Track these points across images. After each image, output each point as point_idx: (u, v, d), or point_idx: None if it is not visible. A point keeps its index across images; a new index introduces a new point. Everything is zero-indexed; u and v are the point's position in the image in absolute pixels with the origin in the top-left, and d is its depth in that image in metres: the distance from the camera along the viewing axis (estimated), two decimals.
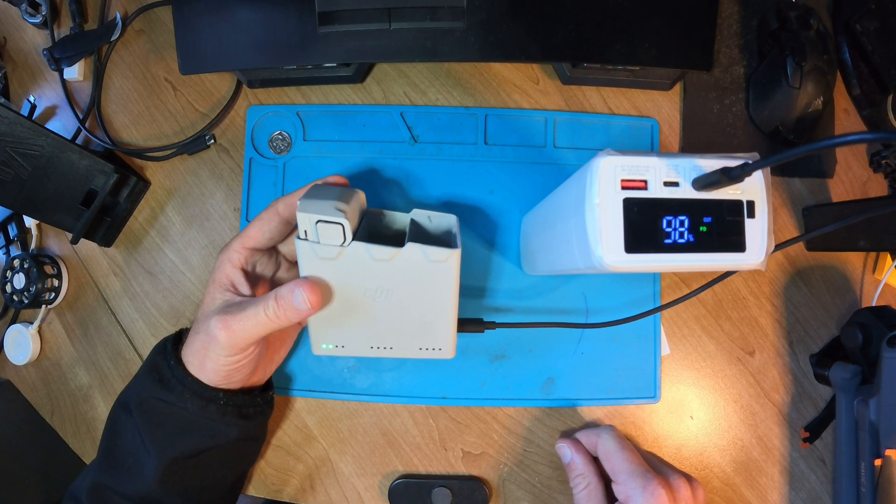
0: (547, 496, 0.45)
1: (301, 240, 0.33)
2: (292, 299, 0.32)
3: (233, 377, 0.36)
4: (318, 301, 0.33)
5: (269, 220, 0.37)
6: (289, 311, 0.33)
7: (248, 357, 0.36)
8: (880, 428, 0.38)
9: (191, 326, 0.37)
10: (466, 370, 0.45)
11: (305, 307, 0.32)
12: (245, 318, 0.33)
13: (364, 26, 0.40)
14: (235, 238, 0.37)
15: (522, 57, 0.41)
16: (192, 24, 0.42)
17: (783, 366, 0.46)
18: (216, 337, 0.34)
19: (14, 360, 0.49)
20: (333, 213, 0.32)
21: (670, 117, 0.47)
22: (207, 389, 0.35)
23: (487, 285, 0.45)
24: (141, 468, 0.35)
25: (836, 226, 0.38)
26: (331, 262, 0.33)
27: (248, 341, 0.34)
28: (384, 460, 0.45)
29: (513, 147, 0.46)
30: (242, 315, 0.33)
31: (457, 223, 0.38)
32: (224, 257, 0.37)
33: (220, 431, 0.36)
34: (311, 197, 0.33)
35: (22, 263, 0.47)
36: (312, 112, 0.47)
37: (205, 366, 0.35)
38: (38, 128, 0.43)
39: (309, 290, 0.32)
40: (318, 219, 0.32)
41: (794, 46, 0.42)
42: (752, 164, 0.25)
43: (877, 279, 0.46)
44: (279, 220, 0.37)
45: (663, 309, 0.41)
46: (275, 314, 0.33)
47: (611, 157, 0.27)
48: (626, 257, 0.27)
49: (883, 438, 0.38)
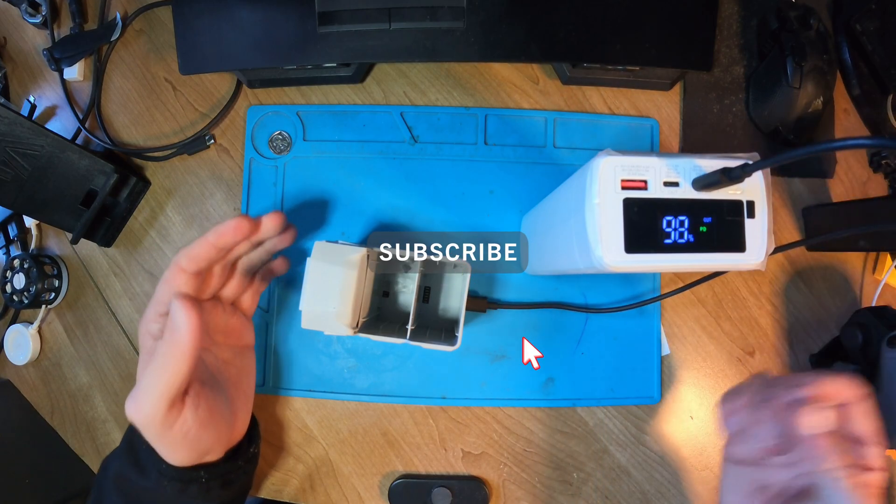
0: (547, 496, 0.45)
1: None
2: (172, 323, 0.29)
3: (202, 449, 0.33)
4: (192, 309, 0.29)
5: (175, 280, 0.33)
6: (173, 339, 0.29)
7: (187, 425, 0.31)
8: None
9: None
10: (466, 370, 0.45)
11: (183, 319, 0.28)
12: (144, 386, 0.29)
13: (364, 26, 0.40)
14: (150, 307, 0.34)
15: (522, 57, 0.41)
16: (192, 24, 0.42)
17: (783, 366, 0.46)
18: (135, 421, 0.30)
19: (14, 360, 0.49)
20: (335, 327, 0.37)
21: (670, 117, 0.47)
22: (186, 472, 0.32)
23: (487, 285, 0.45)
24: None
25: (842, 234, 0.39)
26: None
27: (161, 404, 0.29)
28: (384, 460, 0.45)
29: (513, 147, 0.46)
30: (140, 386, 0.30)
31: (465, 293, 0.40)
32: (143, 331, 0.33)
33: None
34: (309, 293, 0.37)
35: (22, 263, 0.47)
36: (312, 112, 0.47)
37: (171, 454, 0.32)
38: (38, 128, 0.43)
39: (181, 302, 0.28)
40: (320, 329, 0.37)
41: (794, 46, 0.42)
42: (753, 164, 0.25)
43: (877, 279, 0.46)
44: (186, 276, 0.33)
45: (665, 297, 0.42)
46: (163, 356, 0.29)
47: (611, 157, 0.27)
48: (626, 257, 0.27)
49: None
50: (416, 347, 0.41)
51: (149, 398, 0.29)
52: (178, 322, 0.28)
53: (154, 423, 0.30)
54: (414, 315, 0.38)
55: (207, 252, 0.33)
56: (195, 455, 0.33)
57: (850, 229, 0.42)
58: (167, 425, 0.30)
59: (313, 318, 0.37)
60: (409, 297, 0.44)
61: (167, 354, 0.29)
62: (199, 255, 0.33)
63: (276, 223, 0.35)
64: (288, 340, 0.45)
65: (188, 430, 0.31)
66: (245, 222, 0.33)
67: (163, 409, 0.29)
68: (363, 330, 0.39)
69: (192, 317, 0.28)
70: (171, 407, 0.30)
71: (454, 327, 0.41)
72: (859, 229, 0.42)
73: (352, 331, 0.37)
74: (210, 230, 0.33)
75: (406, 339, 0.37)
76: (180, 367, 0.29)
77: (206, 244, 0.33)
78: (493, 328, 0.45)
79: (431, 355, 0.45)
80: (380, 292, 0.44)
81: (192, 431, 0.31)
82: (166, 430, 0.30)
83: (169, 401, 0.29)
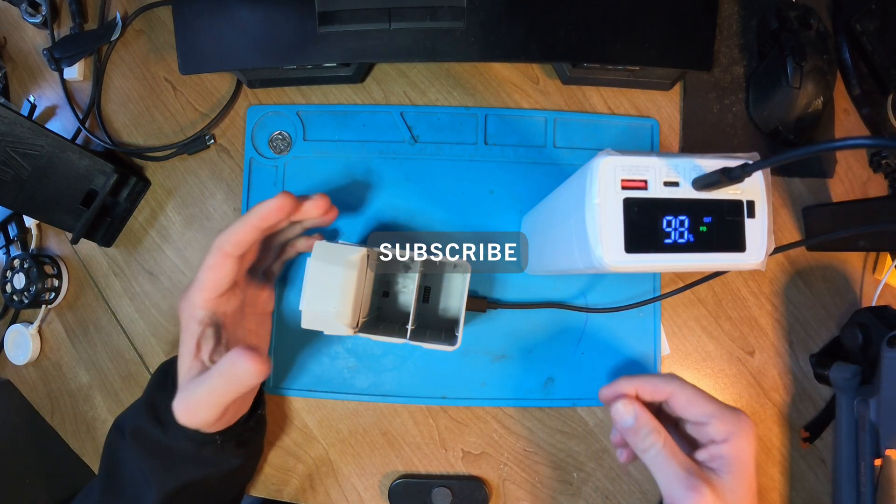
0: (547, 496, 0.45)
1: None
2: (236, 371, 0.31)
3: (232, 421, 0.36)
4: (263, 365, 0.31)
5: (222, 266, 0.34)
6: (237, 381, 0.31)
7: (228, 417, 0.34)
8: (880, 428, 0.38)
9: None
10: (466, 370, 0.45)
11: (251, 377, 0.30)
12: (201, 401, 0.32)
13: (364, 26, 0.40)
14: (194, 290, 0.35)
15: (522, 57, 0.41)
16: (192, 24, 0.42)
17: (783, 366, 0.46)
18: (185, 423, 0.33)
19: (14, 360, 0.49)
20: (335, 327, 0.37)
21: (670, 117, 0.47)
22: (202, 436, 0.34)
23: (487, 285, 0.45)
24: (143, 498, 0.34)
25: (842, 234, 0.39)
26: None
27: (213, 416, 0.33)
28: (384, 460, 0.45)
29: (513, 147, 0.46)
30: (197, 397, 0.32)
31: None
32: (188, 314, 0.35)
33: (221, 461, 0.36)
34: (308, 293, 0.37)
35: (22, 263, 0.47)
36: (312, 112, 0.47)
37: (208, 430, 0.34)
38: (38, 128, 0.43)
39: (250, 360, 0.30)
40: (320, 329, 0.37)
41: (794, 46, 0.42)
42: (753, 164, 0.25)
43: (877, 279, 0.46)
44: (231, 261, 0.34)
45: (665, 297, 0.42)
46: (225, 388, 0.31)
47: (611, 157, 0.27)
48: (626, 257, 0.27)
49: (883, 438, 0.38)
50: (416, 347, 0.41)
51: (204, 413, 0.32)
52: (242, 371, 0.30)
53: (205, 426, 0.33)
54: (414, 315, 0.38)
55: (252, 234, 0.34)
56: (224, 425, 0.35)
57: (850, 229, 0.42)
58: (216, 426, 0.34)
59: (313, 318, 0.37)
60: (409, 297, 0.44)
61: (227, 382, 0.31)
62: (243, 240, 0.34)
63: (322, 207, 0.36)
64: (288, 340, 0.45)
65: (229, 420, 0.35)
66: (288, 201, 0.34)
67: (215, 418, 0.33)
68: (363, 330, 0.39)
69: (256, 367, 0.30)
70: (223, 414, 0.33)
71: (454, 327, 0.41)
72: (859, 229, 0.42)
73: (352, 331, 0.37)
74: (252, 211, 0.34)
75: (406, 339, 0.37)
76: (236, 392, 0.32)
77: (249, 226, 0.34)
78: (493, 328, 0.45)
79: (431, 355, 0.45)
80: (380, 292, 0.44)
81: (231, 420, 0.35)
82: (208, 428, 0.34)
83: (223, 410, 0.33)
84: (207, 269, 0.34)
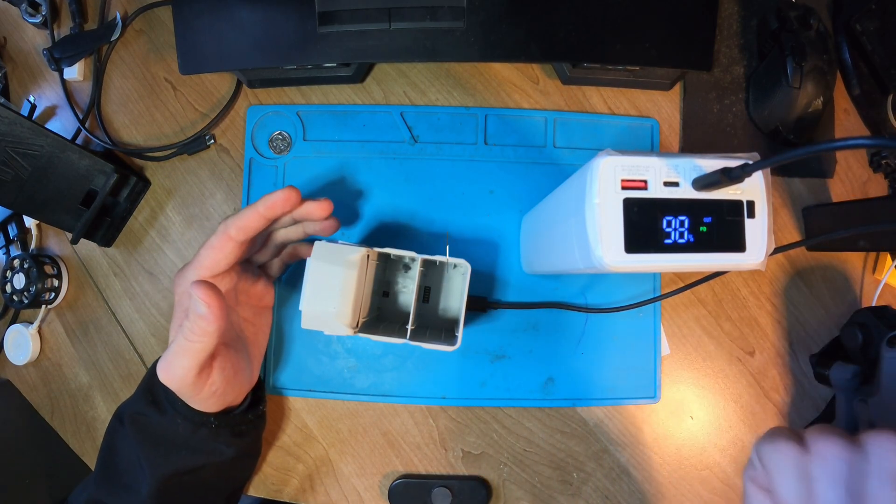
0: (547, 496, 0.45)
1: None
2: (196, 311, 0.31)
3: (228, 400, 0.36)
4: (214, 299, 0.31)
5: (223, 248, 0.35)
6: (198, 324, 0.31)
7: (215, 385, 0.35)
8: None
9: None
10: (466, 370, 0.45)
11: (205, 310, 0.31)
12: (175, 354, 0.32)
13: (364, 26, 0.40)
14: (192, 267, 0.36)
15: (522, 57, 0.41)
16: (192, 24, 0.42)
17: (783, 366, 0.46)
18: (168, 384, 0.33)
19: (14, 360, 0.49)
20: (335, 327, 0.37)
21: (670, 117, 0.47)
22: (198, 415, 0.35)
23: (487, 285, 0.45)
24: (137, 485, 0.35)
25: (842, 234, 0.39)
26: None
27: (188, 368, 0.33)
28: (384, 460, 0.45)
29: (513, 147, 0.46)
30: (172, 352, 0.33)
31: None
32: (181, 289, 0.36)
33: (215, 450, 0.36)
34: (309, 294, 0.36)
35: (22, 263, 0.47)
36: (312, 112, 0.47)
37: (201, 406, 0.35)
38: (38, 128, 0.43)
39: (202, 293, 0.31)
40: (320, 329, 0.37)
41: (794, 46, 0.42)
42: (753, 164, 0.25)
43: (877, 279, 0.46)
44: (233, 245, 0.35)
45: (665, 297, 0.42)
46: (191, 333, 0.32)
47: (611, 157, 0.27)
48: (626, 257, 0.27)
49: None
50: (416, 347, 0.41)
51: (179, 366, 0.32)
52: (202, 310, 0.31)
53: (185, 385, 0.33)
54: (414, 315, 0.38)
55: (256, 222, 0.35)
56: (222, 405, 0.36)
57: (850, 229, 0.42)
58: (198, 387, 0.34)
59: (313, 318, 0.37)
60: (409, 297, 0.44)
61: (194, 331, 0.31)
62: (248, 226, 0.35)
63: (325, 210, 0.38)
64: (288, 340, 0.45)
65: (216, 389, 0.35)
66: (294, 194, 0.36)
67: (193, 375, 0.33)
68: (363, 330, 0.39)
69: (213, 305, 0.31)
70: (200, 372, 0.33)
71: (454, 327, 0.41)
72: (859, 229, 0.42)
73: (352, 331, 0.37)
74: (259, 200, 0.35)
75: (406, 339, 0.37)
76: (206, 344, 0.32)
77: (255, 214, 0.35)
78: (493, 328, 0.45)
79: (431, 355, 0.45)
80: (380, 292, 0.44)
81: (220, 389, 0.35)
82: (198, 391, 0.34)
83: (198, 367, 0.33)
84: (209, 248, 0.35)
